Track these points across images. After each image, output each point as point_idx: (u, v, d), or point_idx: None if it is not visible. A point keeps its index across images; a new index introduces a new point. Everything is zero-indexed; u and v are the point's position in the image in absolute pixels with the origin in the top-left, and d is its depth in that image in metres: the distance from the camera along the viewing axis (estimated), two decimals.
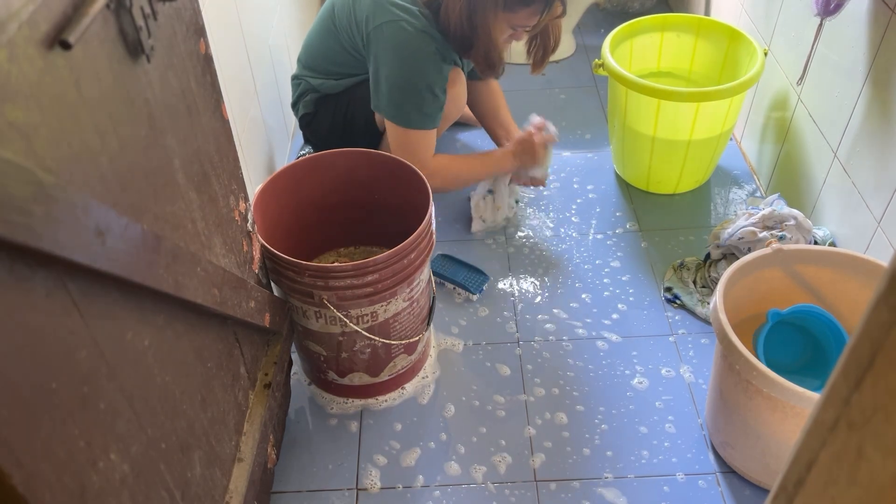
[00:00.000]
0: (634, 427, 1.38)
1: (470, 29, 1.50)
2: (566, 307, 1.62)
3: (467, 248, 1.77)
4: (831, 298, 1.32)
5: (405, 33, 1.49)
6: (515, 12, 1.48)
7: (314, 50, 1.69)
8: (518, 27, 1.53)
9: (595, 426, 1.39)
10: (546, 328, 1.57)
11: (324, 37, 1.66)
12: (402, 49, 1.50)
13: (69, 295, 0.62)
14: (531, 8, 1.48)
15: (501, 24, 1.51)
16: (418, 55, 1.50)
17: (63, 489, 0.61)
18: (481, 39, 1.51)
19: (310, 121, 1.74)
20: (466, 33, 1.50)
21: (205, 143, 0.93)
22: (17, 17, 0.54)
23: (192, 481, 0.90)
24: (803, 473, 0.47)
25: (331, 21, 1.63)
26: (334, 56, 1.65)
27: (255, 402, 1.17)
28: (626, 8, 2.61)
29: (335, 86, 1.68)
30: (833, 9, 1.40)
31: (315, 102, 1.72)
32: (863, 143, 1.40)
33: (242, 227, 1.10)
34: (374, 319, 1.30)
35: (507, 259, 1.74)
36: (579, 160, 2.02)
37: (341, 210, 1.52)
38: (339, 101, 1.69)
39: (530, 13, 1.49)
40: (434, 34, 1.52)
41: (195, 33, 0.90)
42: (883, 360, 0.37)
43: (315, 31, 1.70)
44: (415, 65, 1.50)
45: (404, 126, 1.55)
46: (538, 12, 1.49)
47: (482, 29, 1.50)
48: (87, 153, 0.65)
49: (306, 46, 1.73)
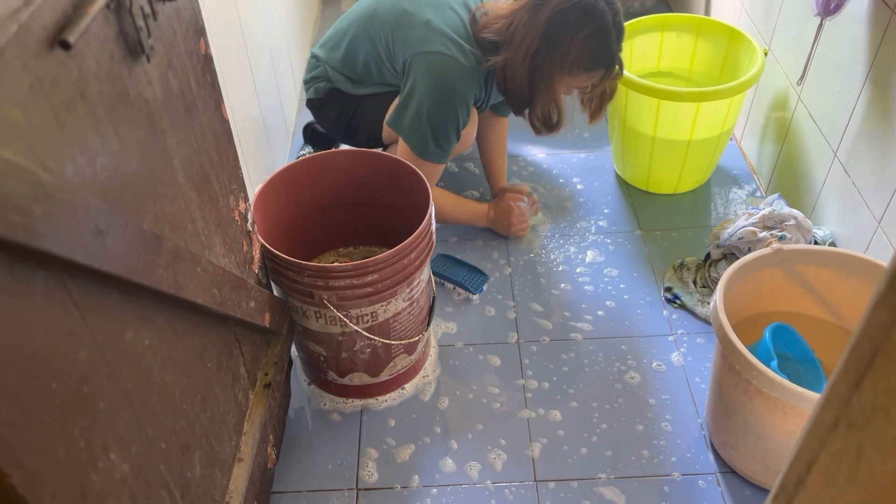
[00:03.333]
0: (634, 426, 1.38)
1: (530, 89, 1.47)
2: (566, 307, 1.62)
3: (467, 248, 1.77)
4: (831, 298, 1.32)
5: (452, 70, 1.46)
6: (576, 76, 1.46)
7: (345, 47, 1.63)
8: (575, 88, 1.52)
9: (594, 425, 1.39)
10: (546, 328, 1.57)
11: (359, 39, 1.60)
12: (444, 83, 1.47)
13: (69, 295, 0.62)
14: (593, 73, 1.46)
15: (562, 85, 1.48)
16: (457, 95, 1.48)
17: (63, 489, 0.61)
18: (542, 99, 1.48)
19: (317, 106, 1.72)
20: (525, 92, 1.47)
21: (205, 143, 0.93)
22: (16, 17, 0.54)
23: (191, 481, 0.90)
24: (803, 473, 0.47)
25: (370, 26, 1.58)
26: (366, 60, 1.60)
27: (255, 402, 1.17)
28: (626, 8, 2.61)
29: (351, 87, 1.65)
30: (833, 9, 1.40)
31: (327, 92, 1.68)
32: (863, 143, 1.40)
33: (242, 226, 1.10)
34: (374, 319, 1.30)
35: (508, 259, 1.74)
36: (579, 160, 2.02)
37: (341, 210, 1.52)
38: (350, 102, 1.67)
39: (591, 77, 1.47)
40: (478, 77, 1.50)
41: (195, 33, 0.90)
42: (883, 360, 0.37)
43: (350, 29, 1.63)
44: (451, 103, 1.49)
45: (421, 156, 1.54)
46: (599, 76, 1.47)
47: (544, 90, 1.46)
48: (87, 153, 0.64)
49: (337, 38, 1.66)
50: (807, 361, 1.31)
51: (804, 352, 1.31)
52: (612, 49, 1.43)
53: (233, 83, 1.44)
